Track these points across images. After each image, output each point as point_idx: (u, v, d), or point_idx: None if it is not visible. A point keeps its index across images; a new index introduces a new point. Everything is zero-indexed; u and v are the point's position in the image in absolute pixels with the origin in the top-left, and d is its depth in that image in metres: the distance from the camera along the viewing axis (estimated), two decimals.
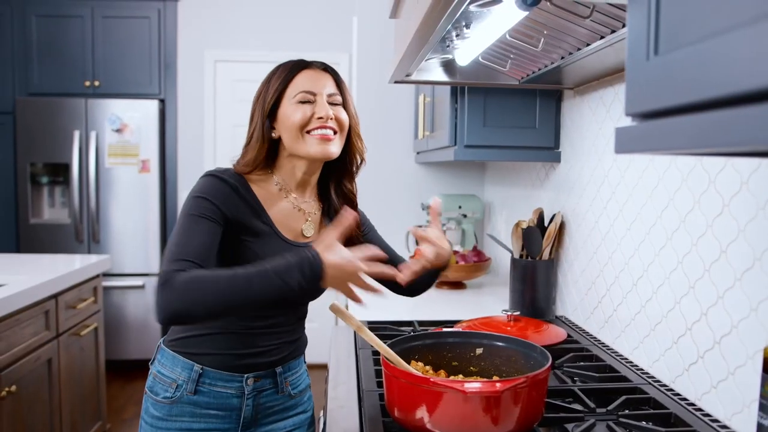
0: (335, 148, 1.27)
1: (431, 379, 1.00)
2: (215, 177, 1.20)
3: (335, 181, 1.37)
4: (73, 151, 4.12)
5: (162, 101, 4.32)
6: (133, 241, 4.22)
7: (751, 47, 0.44)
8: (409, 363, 1.18)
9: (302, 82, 1.26)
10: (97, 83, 4.23)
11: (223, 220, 1.18)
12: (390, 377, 1.08)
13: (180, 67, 4.39)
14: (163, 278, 1.05)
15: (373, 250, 1.11)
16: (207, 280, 1.04)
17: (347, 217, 1.11)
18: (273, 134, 1.27)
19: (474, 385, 0.97)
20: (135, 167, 4.21)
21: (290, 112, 1.24)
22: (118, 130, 4.16)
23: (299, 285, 1.03)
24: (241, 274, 1.04)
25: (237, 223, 1.20)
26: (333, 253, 1.06)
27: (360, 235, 1.40)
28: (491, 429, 1.00)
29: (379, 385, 1.30)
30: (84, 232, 4.18)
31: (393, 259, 1.50)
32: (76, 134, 4.12)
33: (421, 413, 1.02)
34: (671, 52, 0.56)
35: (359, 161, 1.37)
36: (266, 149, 1.26)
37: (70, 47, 4.22)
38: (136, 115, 4.18)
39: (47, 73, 4.22)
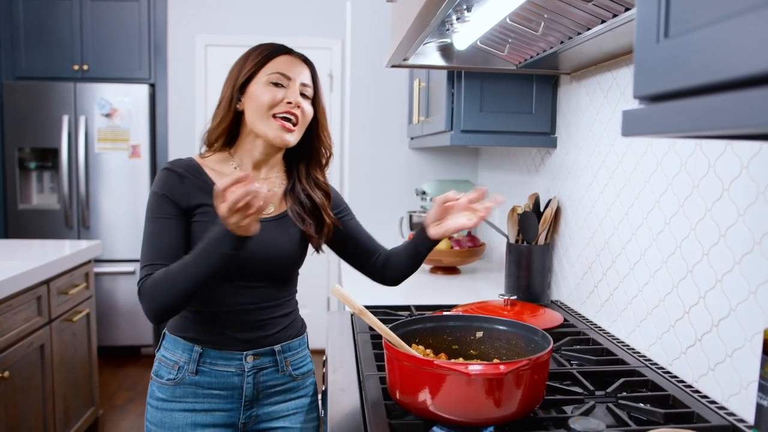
0: (293, 138, 1.31)
1: (435, 362, 1.00)
2: (166, 169, 1.28)
3: (305, 168, 1.40)
4: (61, 135, 4.07)
5: (152, 86, 4.28)
6: (124, 227, 4.19)
7: (764, 29, 0.44)
8: (409, 346, 1.18)
9: (280, 64, 1.30)
10: (86, 67, 4.17)
11: (181, 212, 1.25)
12: (392, 360, 1.08)
13: (170, 52, 4.34)
14: (138, 288, 1.21)
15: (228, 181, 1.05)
16: (163, 279, 1.16)
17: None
18: (238, 106, 1.31)
19: (478, 367, 0.98)
20: (125, 152, 4.17)
21: (261, 91, 1.28)
22: (108, 115, 4.12)
23: (231, 251, 1.11)
24: (188, 261, 1.15)
25: (191, 209, 1.27)
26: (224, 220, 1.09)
27: (334, 219, 1.43)
28: (493, 411, 1.00)
29: (379, 368, 1.31)
30: (74, 218, 4.15)
31: (371, 247, 1.52)
32: (65, 119, 4.07)
33: (424, 396, 1.02)
34: (682, 35, 0.56)
35: (328, 155, 1.42)
36: (230, 119, 1.31)
37: (58, 30, 4.15)
38: (126, 100, 4.13)
39: (35, 57, 4.15)
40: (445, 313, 1.32)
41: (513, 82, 2.00)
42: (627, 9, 1.18)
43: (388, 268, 1.52)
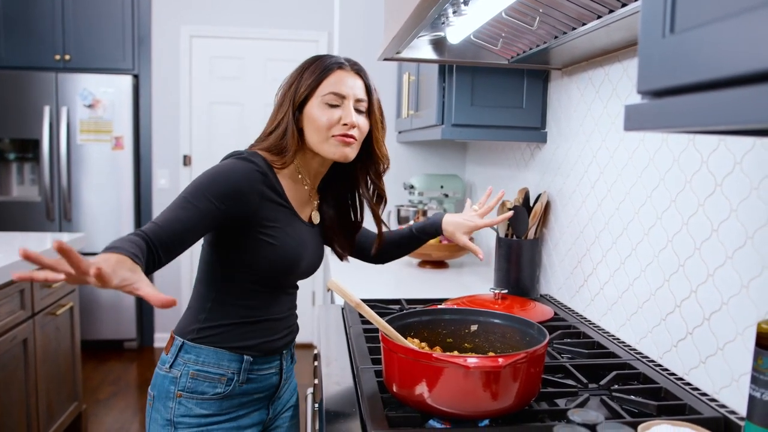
0: (352, 153, 1.30)
1: (433, 355, 1.00)
2: (247, 160, 1.22)
3: (366, 177, 1.41)
4: (43, 126, 4.00)
5: (136, 77, 4.22)
6: (106, 220, 4.14)
7: None
8: (405, 339, 1.18)
9: (333, 83, 1.27)
10: (67, 57, 4.10)
11: (233, 209, 1.18)
12: (389, 353, 1.08)
13: (154, 42, 4.28)
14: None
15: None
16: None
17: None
18: (297, 124, 1.30)
19: (476, 360, 0.98)
20: (108, 144, 4.11)
21: (318, 113, 1.26)
22: (90, 106, 4.06)
23: None
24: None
25: (258, 216, 1.22)
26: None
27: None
28: (490, 404, 1.01)
29: (374, 362, 1.30)
30: (55, 210, 4.09)
31: (364, 239, 1.59)
32: (46, 109, 4.00)
33: (421, 388, 1.02)
34: (688, 30, 0.56)
35: (384, 167, 1.42)
36: (296, 138, 1.28)
37: (40, 19, 4.07)
38: (109, 91, 4.08)
39: (15, 46, 4.07)
40: (439, 306, 1.32)
41: (504, 77, 2.01)
42: (623, 5, 1.18)
43: (380, 253, 1.59)
